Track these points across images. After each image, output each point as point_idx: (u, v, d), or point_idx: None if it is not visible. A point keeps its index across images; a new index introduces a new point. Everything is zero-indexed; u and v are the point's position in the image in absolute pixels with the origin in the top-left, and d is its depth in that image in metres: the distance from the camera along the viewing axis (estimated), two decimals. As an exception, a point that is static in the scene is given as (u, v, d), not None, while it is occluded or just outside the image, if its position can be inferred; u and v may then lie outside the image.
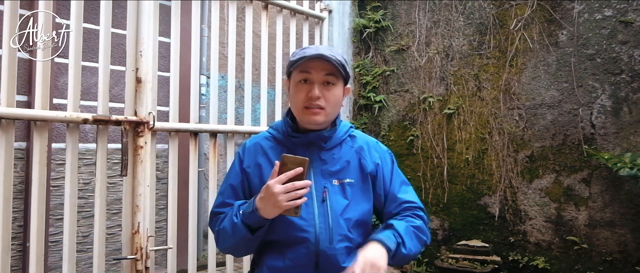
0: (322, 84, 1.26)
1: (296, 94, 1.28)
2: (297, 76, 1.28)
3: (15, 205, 2.94)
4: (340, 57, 1.28)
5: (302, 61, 1.24)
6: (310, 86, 1.26)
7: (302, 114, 1.28)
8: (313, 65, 1.25)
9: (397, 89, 4.10)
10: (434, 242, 3.86)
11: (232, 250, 1.35)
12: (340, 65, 1.25)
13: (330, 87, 1.27)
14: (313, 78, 1.25)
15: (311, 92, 1.25)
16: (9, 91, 1.69)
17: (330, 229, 1.25)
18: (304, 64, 1.25)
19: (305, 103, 1.26)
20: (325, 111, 1.27)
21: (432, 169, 3.87)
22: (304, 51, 1.27)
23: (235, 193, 1.33)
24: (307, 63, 1.25)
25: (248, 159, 1.35)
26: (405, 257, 1.26)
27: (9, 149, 1.69)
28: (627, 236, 3.06)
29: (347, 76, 1.30)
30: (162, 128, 2.15)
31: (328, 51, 1.25)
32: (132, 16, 1.99)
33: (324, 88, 1.26)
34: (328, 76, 1.26)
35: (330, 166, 1.31)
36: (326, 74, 1.25)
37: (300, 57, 1.25)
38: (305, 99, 1.25)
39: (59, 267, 3.02)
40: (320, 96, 1.25)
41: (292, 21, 2.87)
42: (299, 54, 1.27)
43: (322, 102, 1.25)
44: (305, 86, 1.26)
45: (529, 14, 3.45)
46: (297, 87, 1.28)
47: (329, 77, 1.26)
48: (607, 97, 3.15)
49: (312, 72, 1.25)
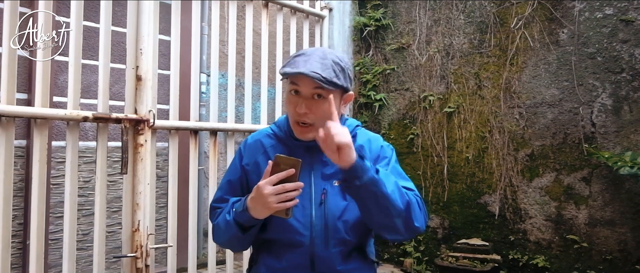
0: (311, 97, 1.18)
1: (288, 105, 1.23)
2: (288, 85, 1.22)
3: (15, 203, 2.94)
4: (333, 68, 1.17)
5: (286, 76, 1.18)
6: (299, 100, 1.19)
7: (294, 127, 1.25)
8: (301, 78, 1.17)
9: (398, 88, 4.10)
10: (434, 240, 3.86)
11: (227, 245, 1.36)
12: (327, 82, 1.15)
13: (320, 102, 1.18)
14: (302, 91, 1.19)
15: (298, 106, 1.18)
16: (9, 88, 1.69)
17: (326, 233, 1.23)
18: (292, 77, 1.19)
19: (294, 118, 1.22)
20: (314, 127, 1.19)
21: (432, 167, 3.87)
22: (294, 62, 1.18)
23: (233, 188, 1.33)
24: (295, 76, 1.18)
25: (248, 156, 1.34)
26: (374, 190, 1.10)
27: (9, 147, 1.69)
28: (627, 235, 3.06)
29: (345, 84, 1.21)
30: (162, 126, 2.15)
31: (318, 64, 1.15)
32: (133, 14, 1.99)
33: (313, 102, 1.18)
34: (316, 89, 1.17)
35: (331, 166, 1.27)
36: (315, 87, 1.17)
37: (287, 70, 1.17)
38: (294, 113, 1.20)
39: (59, 265, 3.03)
40: (306, 112, 1.18)
41: (293, 19, 2.86)
42: (288, 65, 1.19)
43: (310, 118, 1.19)
44: (294, 98, 1.20)
45: (529, 13, 3.44)
46: (289, 98, 1.22)
47: (317, 90, 1.17)
48: (607, 96, 3.15)
49: (301, 84, 1.18)
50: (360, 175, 1.08)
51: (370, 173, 1.09)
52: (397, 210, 1.13)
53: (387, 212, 1.14)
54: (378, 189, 1.10)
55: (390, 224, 1.16)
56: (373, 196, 1.11)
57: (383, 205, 1.12)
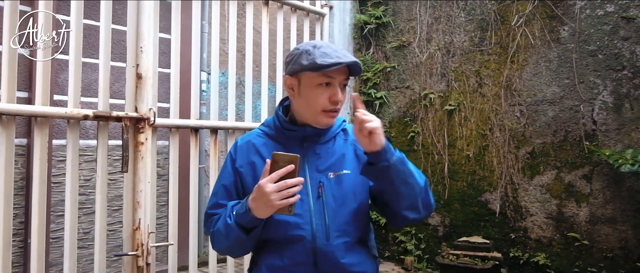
0: (339, 86, 1.25)
1: (316, 97, 1.24)
2: (317, 78, 1.22)
3: (16, 202, 2.94)
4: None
5: (332, 68, 1.19)
6: (333, 90, 1.23)
7: (320, 117, 1.26)
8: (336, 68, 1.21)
9: (398, 86, 4.09)
10: (434, 238, 3.87)
11: (228, 251, 1.33)
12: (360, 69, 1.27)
13: (344, 89, 1.28)
14: (335, 81, 1.23)
15: (335, 96, 1.23)
16: (9, 87, 1.69)
17: (327, 226, 1.23)
18: (334, 68, 1.20)
19: (327, 107, 1.24)
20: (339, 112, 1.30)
21: (433, 165, 3.87)
22: (327, 55, 1.20)
23: (228, 193, 1.31)
24: (336, 67, 1.20)
25: (240, 158, 1.33)
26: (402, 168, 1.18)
27: (9, 145, 1.69)
28: (628, 232, 3.06)
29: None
30: (163, 124, 2.15)
31: (351, 56, 1.24)
32: (133, 12, 1.99)
33: (341, 91, 1.26)
34: (346, 79, 1.26)
35: (325, 160, 1.29)
36: (345, 78, 1.26)
37: (331, 62, 1.18)
38: (328, 103, 1.23)
39: (60, 263, 3.03)
40: (342, 100, 1.26)
41: (293, 17, 2.86)
42: (321, 56, 1.20)
43: (340, 104, 1.27)
44: (327, 89, 1.23)
45: (530, 10, 3.44)
46: (318, 90, 1.23)
47: (346, 80, 1.27)
48: (608, 94, 3.15)
49: (335, 75, 1.22)
50: (390, 156, 1.15)
51: (397, 152, 1.18)
52: (419, 186, 1.22)
53: (413, 190, 1.21)
54: (405, 167, 1.19)
55: (415, 202, 1.24)
56: (402, 175, 1.18)
57: (410, 182, 1.20)
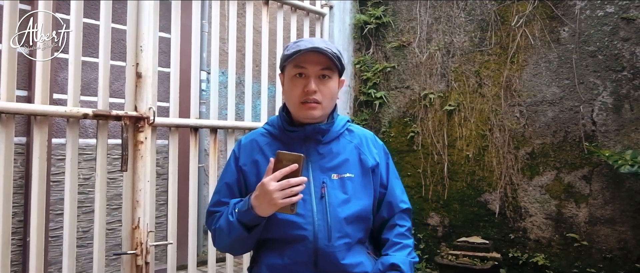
0: (317, 78, 1.24)
1: (292, 89, 1.26)
2: (292, 70, 1.26)
3: (15, 200, 2.95)
4: (335, 49, 1.26)
5: (298, 55, 1.21)
6: (306, 80, 1.23)
7: (299, 110, 1.26)
8: (308, 59, 1.22)
9: (398, 86, 4.09)
10: (434, 238, 3.87)
11: (229, 249, 1.33)
12: (335, 58, 1.23)
13: (326, 81, 1.25)
14: (308, 72, 1.23)
15: (307, 86, 1.22)
16: (8, 85, 1.69)
17: (328, 226, 1.23)
18: (298, 58, 1.22)
19: (301, 98, 1.24)
20: (321, 105, 1.25)
21: (432, 165, 3.87)
22: (297, 44, 1.24)
23: (231, 191, 1.31)
24: (302, 57, 1.22)
25: (244, 156, 1.33)
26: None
27: (9, 144, 1.69)
28: (628, 233, 3.06)
29: (342, 68, 1.29)
30: (163, 124, 2.15)
31: (323, 44, 1.23)
32: (133, 11, 1.99)
33: (320, 82, 1.24)
34: (324, 70, 1.24)
35: (328, 160, 1.29)
36: (322, 68, 1.24)
37: (294, 50, 1.22)
38: (302, 94, 1.24)
39: (59, 262, 3.03)
40: (316, 90, 1.23)
41: (293, 17, 2.86)
42: (293, 47, 1.24)
43: (319, 96, 1.24)
44: (300, 81, 1.24)
45: (530, 11, 3.44)
46: (293, 82, 1.26)
47: (324, 71, 1.24)
48: (608, 95, 3.15)
49: (308, 66, 1.23)
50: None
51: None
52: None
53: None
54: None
55: None
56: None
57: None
